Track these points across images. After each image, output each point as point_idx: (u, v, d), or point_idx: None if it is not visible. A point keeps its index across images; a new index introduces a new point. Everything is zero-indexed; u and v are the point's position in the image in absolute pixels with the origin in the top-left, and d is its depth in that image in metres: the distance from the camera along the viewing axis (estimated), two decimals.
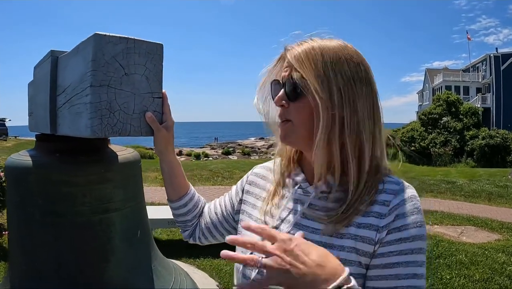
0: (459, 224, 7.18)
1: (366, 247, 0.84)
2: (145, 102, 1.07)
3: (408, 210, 0.84)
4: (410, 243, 0.82)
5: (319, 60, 0.87)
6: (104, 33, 0.98)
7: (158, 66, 1.09)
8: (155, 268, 1.58)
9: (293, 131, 0.92)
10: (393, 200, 0.86)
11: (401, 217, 0.83)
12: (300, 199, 0.97)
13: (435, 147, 25.25)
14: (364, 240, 0.84)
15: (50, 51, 1.33)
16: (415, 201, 0.87)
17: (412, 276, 0.81)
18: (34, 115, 1.69)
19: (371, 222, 0.85)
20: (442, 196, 10.49)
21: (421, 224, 0.85)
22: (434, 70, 46.02)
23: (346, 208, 0.86)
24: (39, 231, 1.31)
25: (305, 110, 0.89)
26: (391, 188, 0.89)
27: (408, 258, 0.82)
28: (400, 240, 0.82)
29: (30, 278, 1.33)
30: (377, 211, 0.86)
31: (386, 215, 0.84)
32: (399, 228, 0.83)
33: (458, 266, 4.71)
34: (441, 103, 27.76)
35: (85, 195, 1.31)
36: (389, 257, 0.82)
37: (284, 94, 0.92)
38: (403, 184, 0.91)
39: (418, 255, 0.83)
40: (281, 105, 0.93)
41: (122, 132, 1.03)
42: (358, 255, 0.84)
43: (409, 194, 0.88)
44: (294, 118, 0.91)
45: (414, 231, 0.83)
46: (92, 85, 0.97)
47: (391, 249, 0.82)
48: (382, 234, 0.83)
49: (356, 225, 0.86)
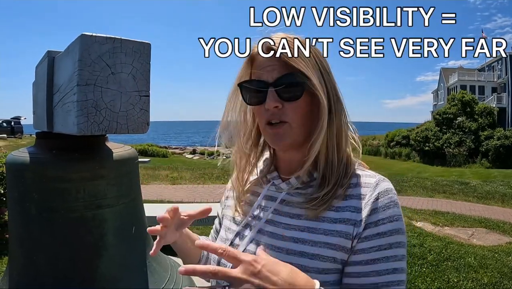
0: (470, 226, 7.08)
1: (343, 242, 0.82)
2: (132, 101, 1.09)
3: (384, 204, 0.83)
4: (388, 237, 0.81)
5: (310, 57, 0.86)
6: (91, 33, 1.01)
7: (145, 65, 1.11)
8: (150, 265, 1.61)
9: (290, 133, 0.88)
10: (369, 194, 0.84)
11: (378, 211, 0.82)
12: (273, 195, 0.96)
13: (450, 147, 24.92)
14: (340, 234, 0.83)
15: (47, 51, 1.37)
16: (392, 194, 0.85)
17: (392, 271, 0.80)
18: (36, 114, 1.74)
19: (347, 216, 0.84)
20: (454, 197, 10.36)
21: (398, 218, 0.83)
22: (449, 70, 45.36)
23: (319, 202, 0.85)
24: (35, 226, 1.35)
25: (302, 109, 0.87)
26: (367, 181, 0.88)
27: (387, 253, 0.81)
28: (378, 234, 0.81)
29: (27, 271, 1.37)
30: (353, 205, 0.84)
31: (362, 209, 0.83)
32: (376, 223, 0.82)
33: (467, 269, 4.65)
34: (456, 103, 27.38)
35: (78, 191, 1.34)
36: (369, 253, 0.81)
37: (276, 94, 0.86)
38: (378, 177, 0.89)
39: (397, 249, 0.82)
40: (275, 107, 0.86)
41: (109, 130, 1.06)
42: (333, 250, 0.82)
43: (385, 187, 0.86)
44: (291, 119, 0.87)
45: (391, 225, 0.82)
46: (79, 84, 1.00)
47: (370, 245, 0.81)
48: (359, 228, 0.82)
49: (330, 220, 0.84)
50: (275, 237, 0.89)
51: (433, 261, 4.84)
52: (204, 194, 9.31)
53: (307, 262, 0.82)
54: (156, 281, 1.58)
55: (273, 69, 0.87)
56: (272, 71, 0.87)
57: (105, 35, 1.03)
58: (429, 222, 7.14)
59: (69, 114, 1.08)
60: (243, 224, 0.98)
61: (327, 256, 0.82)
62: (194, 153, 26.57)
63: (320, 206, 0.85)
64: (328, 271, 0.82)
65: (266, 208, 0.95)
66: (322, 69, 0.87)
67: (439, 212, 8.11)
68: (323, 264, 0.82)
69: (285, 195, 0.93)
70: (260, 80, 0.88)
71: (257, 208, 0.98)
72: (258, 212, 0.97)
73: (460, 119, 26.49)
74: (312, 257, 0.82)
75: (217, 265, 0.95)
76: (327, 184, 0.87)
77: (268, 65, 0.88)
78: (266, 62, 0.88)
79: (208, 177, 11.90)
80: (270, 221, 0.93)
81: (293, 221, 0.89)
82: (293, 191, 0.93)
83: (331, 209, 0.85)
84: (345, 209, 0.85)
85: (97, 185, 1.38)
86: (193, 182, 11.07)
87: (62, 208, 1.34)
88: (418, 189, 11.24)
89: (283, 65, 0.86)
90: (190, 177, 11.94)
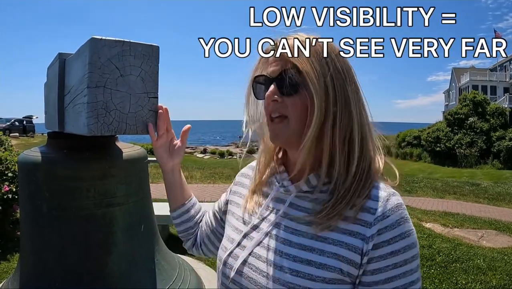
0: (480, 227, 7.01)
1: (351, 255, 0.81)
2: (141, 102, 1.12)
3: (395, 221, 0.82)
4: (402, 254, 0.81)
5: (314, 55, 0.86)
6: (101, 36, 1.03)
7: (154, 68, 1.14)
8: (158, 262, 1.64)
9: (287, 128, 0.88)
10: (379, 209, 0.83)
11: (389, 229, 0.81)
12: (281, 197, 0.96)
13: (461, 147, 24.64)
14: (349, 247, 0.82)
15: (58, 53, 1.40)
16: (401, 210, 0.84)
17: (409, 284, 0.81)
18: (48, 114, 1.78)
19: (358, 230, 0.82)
20: (465, 198, 10.26)
21: (410, 233, 0.83)
22: (461, 69, 44.90)
23: (328, 211, 0.84)
24: (45, 223, 1.39)
25: (301, 105, 0.87)
26: (378, 194, 0.86)
27: (404, 269, 0.81)
28: (392, 253, 0.80)
29: (36, 268, 1.41)
30: (364, 219, 0.83)
31: (371, 225, 0.82)
32: (389, 241, 0.81)
33: (475, 271, 4.61)
34: (468, 103, 27.07)
35: (89, 189, 1.38)
36: (386, 272, 0.81)
37: (276, 88, 0.88)
38: (388, 191, 0.87)
39: (412, 262, 0.82)
40: (274, 100, 0.89)
41: (118, 130, 1.09)
42: (340, 261, 0.82)
43: (395, 202, 0.84)
44: (290, 113, 0.88)
45: (404, 242, 0.81)
46: (89, 86, 1.03)
47: (386, 264, 0.81)
48: (369, 245, 0.81)
49: (340, 231, 0.83)
50: (283, 242, 0.88)
51: (441, 263, 4.81)
52: (214, 193, 9.34)
53: (314, 271, 0.81)
54: (164, 279, 1.61)
55: (277, 65, 0.90)
56: (276, 66, 0.90)
57: (114, 38, 1.05)
58: (439, 223, 7.09)
59: (80, 115, 1.11)
60: (251, 225, 0.97)
61: (334, 267, 0.82)
62: (204, 152, 26.63)
63: (329, 219, 0.84)
64: (334, 282, 0.81)
65: (275, 210, 0.95)
66: (332, 69, 0.86)
67: (449, 213, 8.04)
68: (330, 274, 0.81)
69: (293, 198, 0.93)
70: (264, 75, 0.93)
71: (266, 209, 0.97)
72: (266, 213, 0.97)
73: (472, 119, 26.19)
74: (319, 266, 0.81)
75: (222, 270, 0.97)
76: (336, 192, 0.85)
77: (274, 61, 0.91)
78: (273, 58, 0.91)
79: (219, 176, 11.94)
80: (278, 225, 0.92)
81: (301, 227, 0.88)
82: (301, 194, 0.92)
83: (342, 218, 0.84)
84: (356, 222, 0.83)
85: (107, 184, 1.41)
86: (203, 181, 11.12)
87: (73, 206, 1.38)
88: (428, 190, 11.16)
89: (285, 63, 0.88)
90: (201, 176, 11.99)
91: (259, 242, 0.92)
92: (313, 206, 0.88)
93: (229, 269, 0.94)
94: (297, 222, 0.89)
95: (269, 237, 0.92)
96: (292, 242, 0.86)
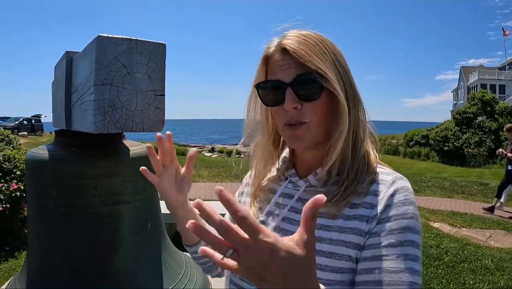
0: (488, 227, 6.93)
1: (357, 239, 0.80)
2: (147, 100, 1.12)
3: (399, 200, 0.80)
4: (399, 234, 0.77)
5: (327, 53, 0.83)
6: (107, 34, 1.03)
7: (161, 65, 1.14)
8: (165, 260, 1.64)
9: (308, 134, 0.84)
10: (384, 190, 0.82)
11: (391, 208, 0.79)
12: (290, 193, 0.94)
13: (469, 147, 24.40)
14: (355, 231, 0.80)
15: (66, 52, 1.41)
16: (408, 192, 0.82)
17: (402, 270, 0.76)
18: (55, 112, 1.79)
19: (362, 213, 0.81)
20: (473, 198, 10.15)
21: (412, 216, 0.79)
22: (469, 68, 44.51)
23: (337, 200, 0.82)
24: (52, 221, 1.40)
25: (322, 110, 0.83)
26: (383, 178, 0.85)
27: (397, 251, 0.77)
28: (390, 231, 0.78)
29: (43, 265, 1.42)
30: (368, 201, 0.82)
31: (376, 205, 0.80)
32: (389, 218, 0.78)
33: (483, 272, 4.55)
34: (476, 102, 26.80)
35: (95, 187, 1.38)
36: (378, 248, 0.77)
37: (294, 95, 0.82)
38: (395, 175, 0.85)
39: (409, 248, 0.77)
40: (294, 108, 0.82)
41: (125, 128, 1.09)
42: (347, 247, 0.80)
43: (401, 184, 0.83)
44: (310, 120, 0.83)
45: (405, 222, 0.78)
46: (96, 84, 1.03)
47: (379, 240, 0.78)
48: (372, 224, 0.79)
49: (344, 217, 0.82)
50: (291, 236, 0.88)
51: (449, 263, 4.77)
52: None
53: (324, 261, 0.80)
54: (170, 277, 1.61)
55: (289, 67, 0.83)
56: (288, 69, 0.83)
57: (121, 36, 1.05)
58: (447, 222, 7.03)
59: (87, 113, 1.12)
60: (258, 221, 0.96)
61: (343, 254, 0.80)
62: (212, 151, 26.66)
63: (340, 202, 0.82)
64: (344, 270, 0.79)
65: (283, 206, 0.94)
66: (338, 64, 0.84)
67: (457, 213, 7.96)
68: (338, 262, 0.80)
69: (302, 192, 0.91)
70: (276, 80, 0.85)
71: (274, 205, 0.96)
72: (274, 209, 0.95)
73: (480, 119, 25.94)
74: (328, 255, 0.80)
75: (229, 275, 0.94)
76: (345, 180, 0.84)
77: (284, 64, 0.84)
78: (282, 61, 0.84)
79: (226, 175, 11.92)
80: (286, 219, 0.91)
81: None
82: (310, 189, 0.91)
83: (347, 205, 0.83)
84: (360, 206, 0.82)
85: (113, 182, 1.42)
86: (211, 180, 11.12)
87: (79, 203, 1.38)
88: (436, 189, 11.06)
89: (299, 64, 0.82)
90: (208, 175, 11.98)
91: None
92: None
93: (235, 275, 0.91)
94: None
95: (278, 231, 0.90)
96: None
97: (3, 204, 4.09)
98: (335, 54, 0.85)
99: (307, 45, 0.82)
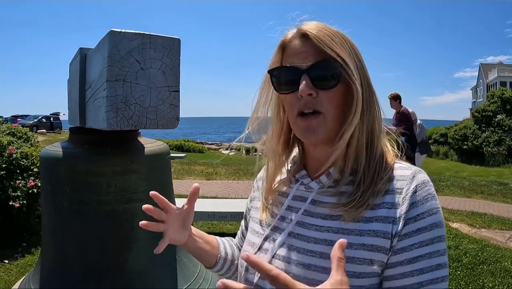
0: (508, 228, 6.77)
1: (381, 242, 0.77)
2: (161, 96, 1.10)
3: (422, 197, 0.77)
4: (428, 232, 0.76)
5: (346, 45, 0.80)
6: (120, 29, 1.01)
7: (175, 60, 1.11)
8: (180, 259, 1.63)
9: (323, 126, 0.81)
10: (406, 187, 0.79)
11: (416, 206, 0.77)
12: (302, 195, 0.90)
13: (489, 146, 23.93)
14: (377, 233, 0.77)
15: (79, 48, 1.40)
16: (429, 186, 0.79)
17: (436, 267, 0.75)
18: (70, 110, 1.79)
19: (384, 214, 0.78)
20: (492, 198, 9.94)
21: (437, 210, 0.78)
22: (488, 65, 43.65)
23: (355, 202, 0.79)
24: (66, 218, 1.39)
25: (338, 100, 0.81)
26: (402, 174, 0.81)
27: (430, 249, 0.75)
28: (419, 230, 0.76)
29: (57, 261, 1.41)
30: (389, 201, 0.79)
31: (400, 204, 0.77)
32: (415, 218, 0.76)
33: (503, 274, 4.44)
34: (496, 100, 26.27)
35: (110, 185, 1.37)
36: (411, 251, 0.75)
37: (310, 81, 0.79)
38: (414, 169, 0.82)
39: (439, 243, 0.76)
40: (309, 94, 0.79)
41: (138, 125, 1.07)
42: (369, 251, 0.77)
43: (422, 179, 0.80)
44: (326, 109, 0.80)
45: (431, 219, 0.76)
46: (108, 80, 1.01)
47: (411, 242, 0.76)
48: (399, 225, 0.76)
49: (367, 220, 0.79)
50: (307, 240, 0.83)
51: (468, 264, 4.66)
52: (238, 189, 9.30)
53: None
54: (185, 276, 1.59)
55: (306, 55, 0.81)
56: (306, 57, 0.81)
57: (134, 31, 1.03)
58: (466, 223, 6.89)
59: (100, 109, 1.10)
60: (271, 227, 0.91)
61: (363, 258, 0.77)
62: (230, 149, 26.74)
63: (359, 207, 0.79)
64: (364, 275, 0.76)
65: (296, 209, 0.90)
66: (355, 57, 0.82)
67: (476, 213, 7.80)
68: (359, 267, 0.76)
69: (315, 194, 0.88)
70: (292, 67, 0.82)
71: (286, 209, 0.92)
72: (287, 213, 0.91)
73: (500, 117, 25.41)
74: (347, 260, 0.76)
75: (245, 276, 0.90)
76: (363, 181, 0.81)
77: (302, 51, 0.81)
78: (300, 48, 0.82)
79: (243, 172, 11.89)
80: (300, 223, 0.87)
81: (325, 222, 0.83)
82: (324, 190, 0.87)
83: (369, 207, 0.80)
84: (381, 206, 0.79)
85: (128, 179, 1.40)
86: (228, 178, 11.10)
87: (93, 201, 1.37)
88: (455, 189, 10.86)
89: (317, 52, 0.79)
90: (225, 173, 11.97)
91: (283, 242, 0.87)
92: (338, 199, 0.83)
93: (252, 275, 0.88)
94: (322, 218, 0.84)
95: (292, 236, 0.87)
96: (317, 239, 0.82)
97: (20, 200, 4.14)
98: (353, 48, 0.83)
99: (328, 33, 0.80)
